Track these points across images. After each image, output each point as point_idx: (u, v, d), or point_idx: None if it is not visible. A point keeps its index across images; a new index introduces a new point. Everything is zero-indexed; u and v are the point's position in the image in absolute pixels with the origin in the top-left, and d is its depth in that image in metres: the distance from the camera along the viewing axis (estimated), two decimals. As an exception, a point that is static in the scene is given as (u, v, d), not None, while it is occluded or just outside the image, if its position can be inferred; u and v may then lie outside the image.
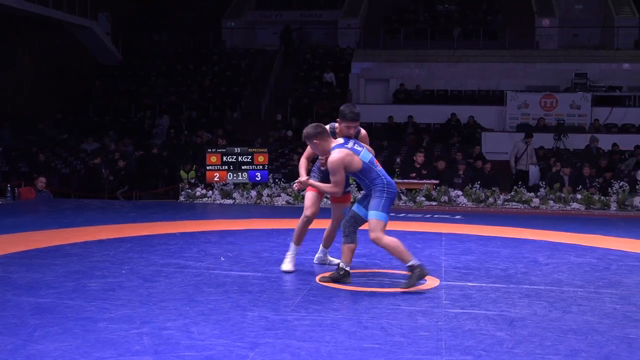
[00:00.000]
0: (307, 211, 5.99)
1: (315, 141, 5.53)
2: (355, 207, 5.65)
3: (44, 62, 22.77)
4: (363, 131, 5.96)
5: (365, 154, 5.51)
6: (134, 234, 8.15)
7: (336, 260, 6.12)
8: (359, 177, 5.54)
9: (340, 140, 5.59)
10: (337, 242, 6.08)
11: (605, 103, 21.38)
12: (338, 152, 5.43)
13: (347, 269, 5.53)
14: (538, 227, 9.53)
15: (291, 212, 10.95)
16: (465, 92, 23.26)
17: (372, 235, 5.43)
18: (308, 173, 6.08)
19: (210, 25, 28.13)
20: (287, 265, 6.04)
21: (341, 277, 5.51)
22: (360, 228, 5.62)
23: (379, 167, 5.56)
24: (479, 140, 19.58)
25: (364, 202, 5.60)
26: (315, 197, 6.02)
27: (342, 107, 5.78)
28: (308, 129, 5.58)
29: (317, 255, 6.47)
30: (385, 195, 5.46)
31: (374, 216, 5.44)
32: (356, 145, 5.54)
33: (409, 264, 5.37)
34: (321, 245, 6.38)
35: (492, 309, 4.79)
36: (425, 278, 5.50)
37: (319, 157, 5.83)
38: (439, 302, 5.00)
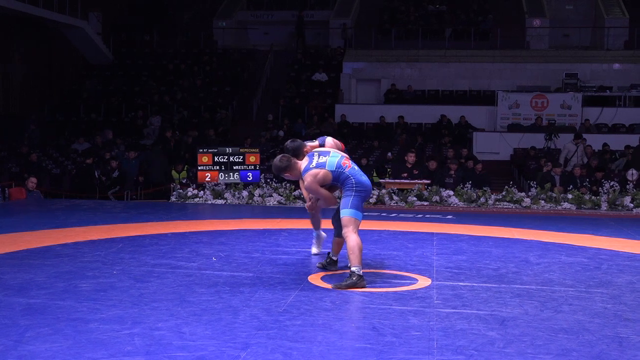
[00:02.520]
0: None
1: (286, 174, 5.82)
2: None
3: (34, 62, 22.68)
4: (328, 139, 6.16)
5: (330, 161, 5.69)
6: (126, 234, 8.13)
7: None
8: (334, 183, 5.76)
9: (306, 160, 5.81)
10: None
11: (596, 103, 21.46)
12: (308, 176, 5.67)
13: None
14: (529, 226, 9.56)
15: (283, 212, 10.94)
16: (456, 92, 23.31)
17: (344, 230, 5.63)
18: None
19: (202, 25, 28.09)
20: (315, 248, 6.84)
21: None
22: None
23: (348, 168, 5.70)
24: (470, 140, 19.63)
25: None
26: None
27: (286, 144, 6.09)
28: (276, 164, 5.80)
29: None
30: (354, 193, 5.63)
31: (344, 214, 5.63)
32: (321, 157, 5.74)
33: (354, 268, 5.42)
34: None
35: (484, 309, 4.80)
36: (364, 289, 5.35)
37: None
38: (431, 302, 5.01)
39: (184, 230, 8.65)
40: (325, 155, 5.74)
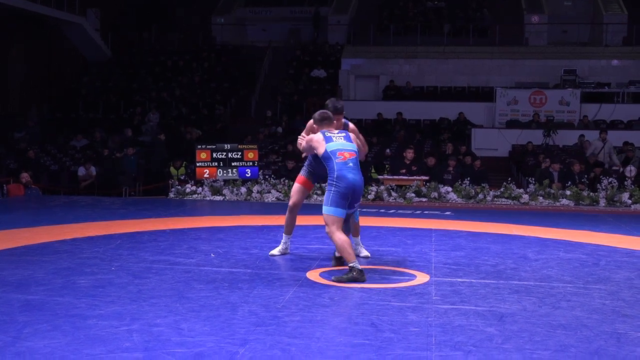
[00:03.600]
0: (290, 200, 6.55)
1: (314, 125, 6.13)
2: None
3: (32, 58, 22.66)
4: (351, 125, 6.38)
5: (334, 145, 5.84)
6: (124, 230, 8.13)
7: (365, 251, 6.52)
8: (320, 164, 6.00)
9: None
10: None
11: (594, 99, 21.47)
12: (315, 137, 6.00)
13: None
14: (527, 223, 9.56)
15: (281, 209, 10.90)
16: (454, 89, 23.31)
17: (326, 229, 5.76)
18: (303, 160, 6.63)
19: (200, 21, 28.06)
20: (275, 250, 6.61)
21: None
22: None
23: (340, 160, 5.77)
24: (468, 136, 19.63)
25: None
26: (298, 187, 6.50)
27: (327, 102, 6.35)
28: (319, 114, 6.16)
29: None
30: (333, 189, 5.74)
31: (325, 211, 5.77)
32: (337, 136, 5.94)
33: (351, 264, 5.51)
34: (351, 236, 6.43)
35: (482, 305, 4.81)
36: (363, 285, 5.37)
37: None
38: (429, 298, 5.01)
39: (183, 226, 8.65)
40: (340, 137, 5.94)
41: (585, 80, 22.07)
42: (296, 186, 6.51)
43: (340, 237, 5.63)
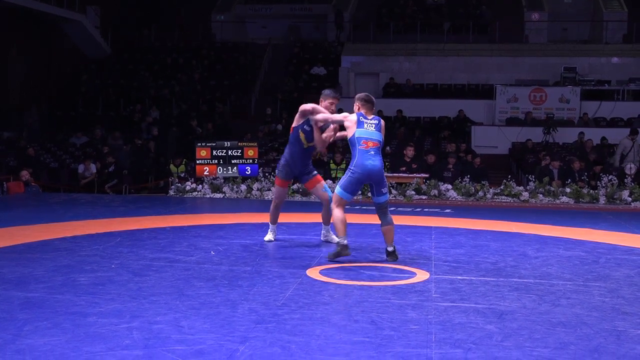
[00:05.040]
0: (274, 201, 7.30)
1: (357, 103, 6.38)
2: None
3: (32, 55, 22.64)
4: (382, 121, 6.55)
5: (363, 132, 6.18)
6: (124, 228, 8.13)
7: (336, 238, 6.54)
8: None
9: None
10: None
11: (594, 97, 21.47)
12: (349, 117, 6.37)
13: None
14: (527, 220, 9.56)
15: (281, 206, 10.92)
16: (454, 86, 23.31)
17: (331, 205, 6.33)
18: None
19: (200, 18, 28.04)
20: (268, 236, 7.29)
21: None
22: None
23: (363, 147, 6.14)
24: (468, 134, 19.62)
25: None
26: (278, 189, 7.24)
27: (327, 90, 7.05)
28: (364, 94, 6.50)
29: (321, 232, 7.36)
30: (349, 174, 6.19)
31: (335, 191, 6.29)
32: (369, 123, 6.24)
33: (338, 240, 6.20)
34: (323, 224, 7.29)
35: (482, 302, 4.81)
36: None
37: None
38: (429, 295, 5.01)
39: (183, 224, 8.64)
40: (371, 126, 6.24)
41: (585, 78, 22.07)
42: (277, 188, 7.25)
43: (338, 214, 6.18)
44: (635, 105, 20.77)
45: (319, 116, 6.74)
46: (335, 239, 6.63)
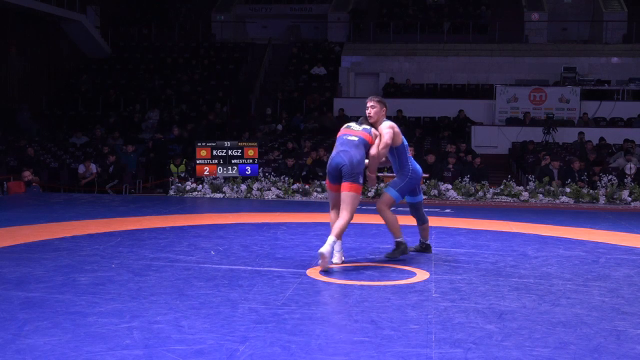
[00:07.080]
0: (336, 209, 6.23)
1: (384, 108, 6.57)
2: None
3: (32, 55, 22.63)
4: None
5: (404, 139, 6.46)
6: (124, 228, 8.13)
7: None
8: (393, 156, 6.43)
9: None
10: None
11: (594, 97, 21.49)
12: (388, 124, 6.38)
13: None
14: (527, 220, 9.57)
15: (281, 206, 10.95)
16: (454, 86, 23.31)
17: (379, 205, 6.30)
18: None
19: (200, 18, 28.04)
20: (335, 257, 6.04)
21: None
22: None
23: (410, 154, 6.53)
24: (468, 134, 19.63)
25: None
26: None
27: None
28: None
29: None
30: (407, 180, 6.37)
31: (388, 191, 6.35)
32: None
33: (398, 240, 6.29)
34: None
35: (482, 302, 4.81)
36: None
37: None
38: (429, 295, 5.01)
39: (183, 224, 8.65)
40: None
41: (585, 78, 22.07)
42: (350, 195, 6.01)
43: (390, 215, 6.26)
44: (635, 105, 20.78)
45: (381, 152, 6.29)
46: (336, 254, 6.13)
